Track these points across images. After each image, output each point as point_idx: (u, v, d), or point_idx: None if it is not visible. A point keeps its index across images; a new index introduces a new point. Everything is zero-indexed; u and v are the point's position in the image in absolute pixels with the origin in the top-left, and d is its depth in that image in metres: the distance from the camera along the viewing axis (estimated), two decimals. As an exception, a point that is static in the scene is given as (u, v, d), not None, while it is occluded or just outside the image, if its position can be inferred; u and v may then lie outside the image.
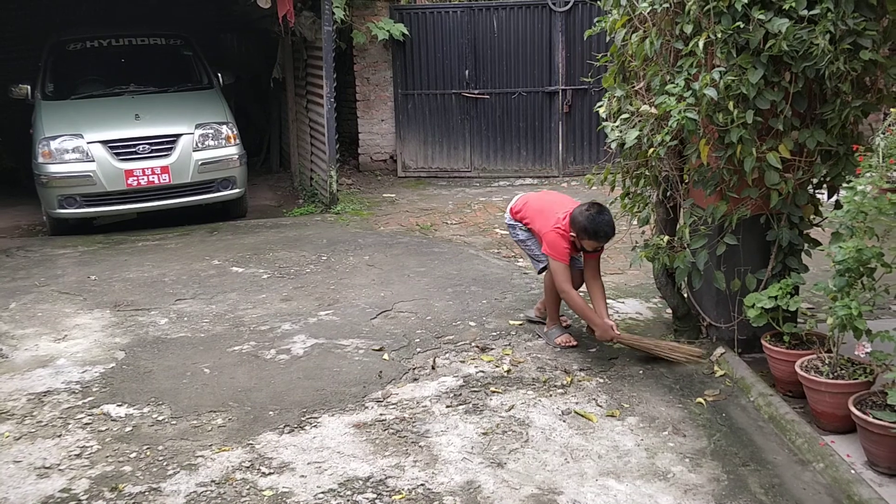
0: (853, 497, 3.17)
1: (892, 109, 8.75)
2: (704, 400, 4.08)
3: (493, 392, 4.26)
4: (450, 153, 10.93)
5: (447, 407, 4.10)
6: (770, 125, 4.04)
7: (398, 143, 11.01)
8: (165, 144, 8.08)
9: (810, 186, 4.37)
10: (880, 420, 3.23)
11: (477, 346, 4.87)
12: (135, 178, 7.89)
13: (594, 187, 5.24)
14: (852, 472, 3.31)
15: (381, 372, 4.52)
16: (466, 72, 10.61)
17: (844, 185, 3.86)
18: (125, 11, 10.67)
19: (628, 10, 4.45)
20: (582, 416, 3.99)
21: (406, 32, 10.48)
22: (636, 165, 4.78)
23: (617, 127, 4.62)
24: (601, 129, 4.93)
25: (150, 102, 8.62)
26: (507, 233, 7.81)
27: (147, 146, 7.99)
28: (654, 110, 4.22)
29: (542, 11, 10.35)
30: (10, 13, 10.76)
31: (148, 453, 3.69)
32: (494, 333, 5.08)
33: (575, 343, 4.83)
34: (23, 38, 10.06)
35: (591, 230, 4.47)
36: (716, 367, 4.44)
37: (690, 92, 3.99)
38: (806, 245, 4.41)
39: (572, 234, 4.58)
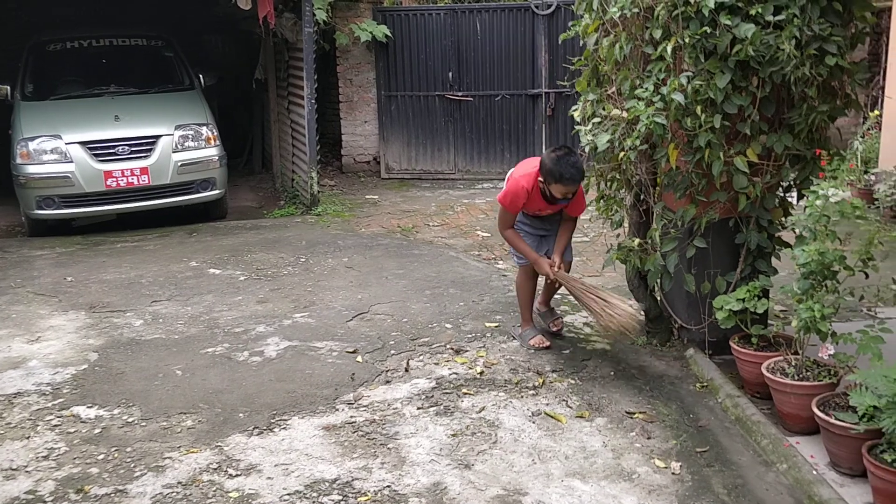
0: (814, 497, 3.20)
1: (871, 113, 8.84)
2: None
3: (465, 394, 4.27)
4: (433, 155, 10.95)
5: (418, 409, 4.11)
6: (738, 129, 4.06)
7: (381, 145, 11.02)
8: (145, 145, 8.05)
9: (780, 189, 4.41)
10: (842, 421, 3.26)
11: (451, 348, 4.88)
12: (114, 180, 7.87)
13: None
14: (814, 472, 3.34)
15: (353, 374, 4.53)
16: (450, 74, 10.63)
17: (809, 188, 3.89)
18: (120, 11, 10.61)
19: (600, 14, 4.47)
20: (552, 417, 4.01)
21: (389, 34, 10.49)
22: (609, 169, 4.81)
23: (590, 131, 4.64)
24: (576, 132, 4.96)
25: (131, 103, 8.60)
26: (489, 234, 7.86)
27: (126, 147, 7.97)
28: (624, 114, 4.25)
29: (524, 14, 10.38)
30: (9, 13, 10.68)
31: (116, 455, 3.68)
32: (470, 335, 5.09)
33: (548, 344, 4.84)
34: (23, 37, 9.99)
35: (557, 172, 4.38)
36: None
37: (659, 96, 4.01)
38: (776, 248, 4.45)
39: (540, 179, 4.52)
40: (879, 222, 7.40)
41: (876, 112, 8.62)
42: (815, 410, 3.40)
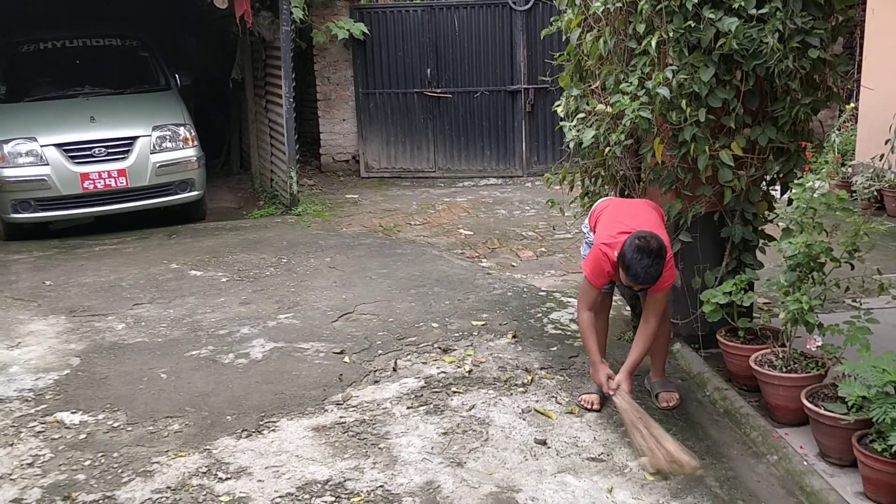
0: (805, 488, 3.23)
1: (846, 106, 8.93)
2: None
3: (455, 392, 4.26)
4: (413, 153, 10.91)
5: (408, 408, 4.09)
6: (722, 123, 4.09)
7: (360, 144, 10.97)
8: (122, 147, 7.95)
9: (764, 183, 4.44)
10: (831, 412, 3.28)
11: (439, 348, 4.86)
12: (91, 182, 7.76)
13: (554, 187, 5.28)
14: (805, 463, 3.36)
15: (341, 375, 4.50)
16: (428, 71, 10.59)
17: (794, 181, 3.92)
18: (94, 11, 10.45)
19: (583, 9, 4.48)
20: (542, 413, 4.01)
21: (366, 31, 10.44)
22: (594, 165, 4.82)
23: (574, 126, 4.65)
24: (560, 128, 4.96)
25: (106, 104, 8.48)
26: (471, 233, 7.85)
27: (103, 149, 7.86)
28: (609, 109, 4.26)
29: (502, 10, 10.37)
30: None
31: (102, 461, 3.63)
32: (457, 334, 5.07)
33: (598, 407, 4.02)
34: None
35: (625, 262, 3.62)
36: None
37: (644, 91, 4.02)
38: (761, 241, 4.48)
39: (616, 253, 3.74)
40: (862, 214, 7.48)
41: (852, 105, 8.71)
42: (805, 402, 3.42)
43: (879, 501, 3.06)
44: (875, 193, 7.69)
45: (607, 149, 4.36)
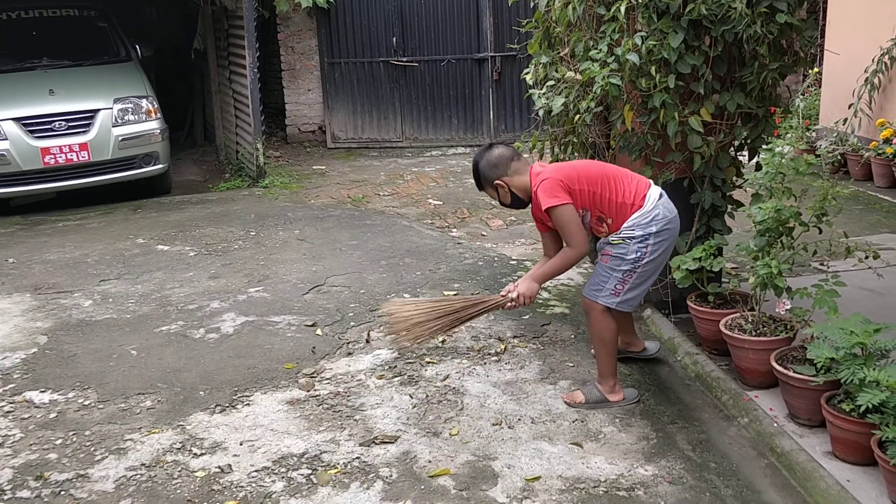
0: (775, 449, 3.29)
1: (810, 71, 8.99)
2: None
3: (429, 363, 4.26)
4: (380, 123, 10.82)
5: (382, 379, 4.09)
6: (692, 89, 4.09)
7: (326, 114, 10.85)
8: (83, 120, 7.76)
9: (732, 149, 4.46)
10: (800, 374, 3.34)
11: (411, 317, 4.85)
12: (52, 157, 7.59)
13: (524, 155, 5.25)
14: (775, 425, 3.42)
15: (314, 347, 4.48)
16: (394, 39, 10.47)
17: (764, 146, 3.94)
18: None
19: (551, -25, 4.44)
20: (516, 382, 4.02)
21: None
22: (564, 132, 4.81)
23: (543, 94, 4.63)
24: (528, 96, 4.93)
25: (65, 77, 8.26)
26: (440, 203, 7.82)
27: (63, 122, 7.68)
28: (578, 76, 4.24)
29: (468, -23, 10.26)
30: None
31: (74, 439, 3.59)
32: (428, 303, 5.07)
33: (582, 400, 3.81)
34: None
35: None
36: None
37: (613, 57, 4.01)
38: (729, 207, 4.52)
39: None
40: (830, 179, 7.58)
41: (816, 69, 8.78)
42: (774, 364, 3.47)
43: (847, 460, 3.13)
44: (839, 158, 7.79)
45: (577, 116, 4.35)
